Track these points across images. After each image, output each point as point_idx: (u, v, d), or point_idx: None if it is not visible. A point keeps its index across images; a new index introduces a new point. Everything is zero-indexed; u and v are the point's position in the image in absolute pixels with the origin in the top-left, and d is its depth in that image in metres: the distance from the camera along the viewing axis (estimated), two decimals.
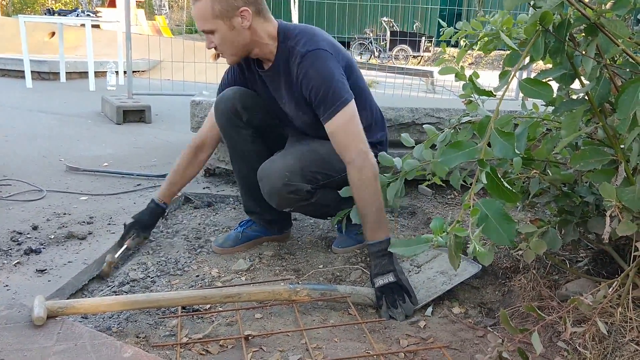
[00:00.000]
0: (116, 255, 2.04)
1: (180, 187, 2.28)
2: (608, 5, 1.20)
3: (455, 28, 1.83)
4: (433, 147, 1.76)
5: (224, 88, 2.17)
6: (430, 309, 1.79)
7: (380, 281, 1.79)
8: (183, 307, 1.73)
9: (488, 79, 2.86)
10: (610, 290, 1.35)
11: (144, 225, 2.19)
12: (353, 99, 1.90)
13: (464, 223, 1.23)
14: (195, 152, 2.21)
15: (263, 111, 2.14)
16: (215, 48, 1.92)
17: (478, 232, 1.17)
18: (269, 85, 2.07)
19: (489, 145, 1.19)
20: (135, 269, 2.03)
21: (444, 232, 1.22)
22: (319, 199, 2.04)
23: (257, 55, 1.98)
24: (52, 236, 2.23)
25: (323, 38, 1.96)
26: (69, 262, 2.00)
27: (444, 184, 1.79)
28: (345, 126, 1.88)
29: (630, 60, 1.21)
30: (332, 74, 1.89)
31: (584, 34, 1.24)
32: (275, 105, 2.12)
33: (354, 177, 1.84)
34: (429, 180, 1.78)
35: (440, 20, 2.02)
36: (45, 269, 1.93)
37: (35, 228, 2.31)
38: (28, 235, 2.23)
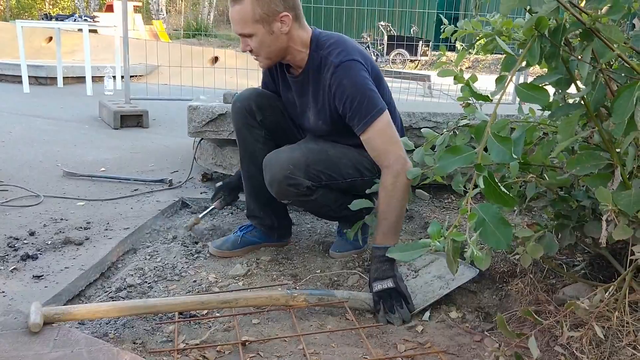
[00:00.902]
0: (200, 216, 2.36)
1: None
2: (603, 10, 1.20)
3: (455, 27, 1.83)
4: (432, 148, 1.77)
5: (264, 77, 2.22)
6: (427, 314, 1.79)
7: (378, 286, 1.79)
8: (180, 313, 1.73)
9: (486, 82, 2.86)
10: (607, 294, 1.36)
11: (232, 186, 2.40)
12: (387, 109, 1.91)
13: (461, 227, 1.23)
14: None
15: (279, 114, 2.16)
16: (250, 51, 1.92)
17: (475, 236, 1.17)
18: (295, 91, 2.08)
19: (485, 149, 1.20)
20: (132, 275, 2.02)
21: (441, 236, 1.23)
22: (319, 198, 2.03)
23: (289, 61, 1.99)
24: (49, 242, 2.23)
25: (355, 48, 1.97)
26: (65, 267, 2.00)
27: (443, 183, 1.80)
28: (382, 132, 1.88)
29: (626, 64, 1.22)
30: (366, 84, 1.90)
31: (579, 39, 1.25)
32: (294, 110, 2.14)
33: (388, 181, 1.85)
34: (429, 179, 1.78)
35: (442, 17, 2.02)
36: (42, 275, 1.93)
37: (32, 234, 2.31)
38: (25, 241, 2.23)
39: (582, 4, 1.21)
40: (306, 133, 2.20)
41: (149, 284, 1.97)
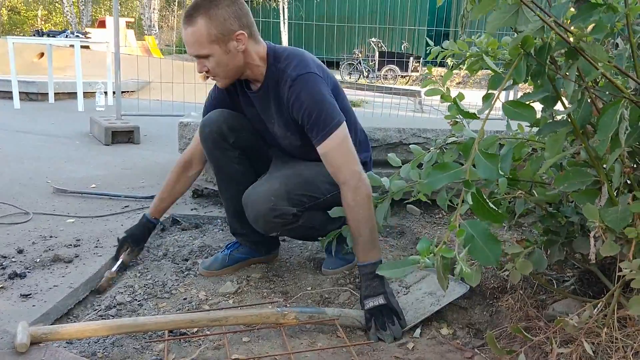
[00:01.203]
0: (113, 269, 2.13)
1: (169, 203, 2.30)
2: (587, 30, 1.22)
3: (442, 47, 1.85)
4: (420, 166, 1.77)
5: (209, 110, 2.17)
6: (418, 330, 1.78)
7: (370, 303, 1.78)
8: (170, 331, 1.72)
9: (475, 98, 2.88)
10: (595, 310, 1.36)
11: (137, 239, 2.25)
12: (345, 121, 1.91)
13: (450, 244, 1.24)
14: (183, 169, 2.24)
15: (249, 132, 2.14)
16: (207, 72, 1.91)
17: (464, 252, 1.18)
18: (257, 106, 2.07)
19: (473, 166, 1.20)
20: (122, 292, 2.01)
21: (431, 253, 1.23)
22: (305, 222, 2.03)
23: (247, 76, 1.99)
24: (38, 260, 2.21)
25: (312, 60, 1.98)
26: (54, 286, 1.98)
27: (430, 202, 1.80)
28: (338, 147, 1.88)
29: (610, 83, 1.23)
30: (323, 96, 1.90)
31: (565, 58, 1.26)
32: (261, 126, 2.13)
33: (348, 197, 1.84)
34: (414, 197, 1.79)
35: (428, 40, 2.05)
36: (30, 294, 1.91)
37: (20, 251, 2.29)
38: (13, 259, 2.21)
39: (567, 23, 1.23)
40: (277, 147, 2.19)
41: (138, 301, 1.96)
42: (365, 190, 1.84)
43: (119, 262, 2.18)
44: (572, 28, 1.20)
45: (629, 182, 1.37)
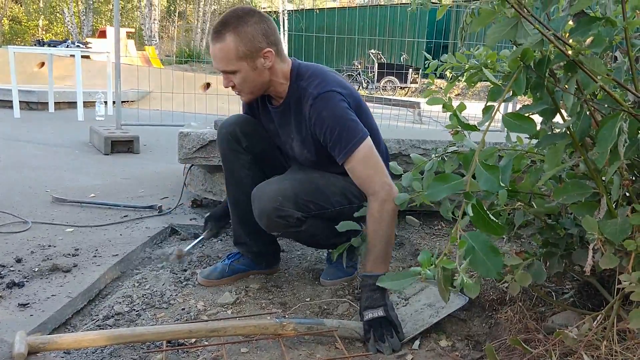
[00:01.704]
0: (186, 249, 2.34)
1: None
2: (586, 43, 1.23)
3: (440, 61, 1.87)
4: (421, 173, 1.78)
5: (244, 109, 2.24)
6: (417, 342, 1.78)
7: (369, 314, 1.78)
8: (168, 341, 1.71)
9: (475, 109, 2.89)
10: (595, 323, 1.36)
11: (217, 216, 2.47)
12: (369, 135, 1.91)
13: (451, 255, 1.24)
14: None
15: (264, 141, 2.16)
16: (232, 87, 1.93)
17: (465, 264, 1.18)
18: (277, 121, 2.09)
19: (474, 177, 1.21)
20: (120, 302, 2.00)
21: (432, 265, 1.23)
22: (309, 228, 2.02)
23: (270, 92, 2.01)
24: (36, 269, 2.20)
25: (333, 79, 1.98)
26: (52, 295, 1.97)
27: (432, 210, 1.81)
28: (366, 160, 1.88)
29: (609, 96, 1.24)
30: (345, 113, 1.90)
31: (564, 71, 1.27)
32: (278, 140, 2.15)
33: (375, 209, 1.84)
34: (416, 205, 1.79)
35: (426, 54, 2.06)
36: (28, 303, 1.90)
37: (18, 261, 2.28)
38: (11, 268, 2.20)
39: (566, 37, 1.24)
40: (294, 161, 2.20)
41: (137, 311, 1.95)
42: (392, 205, 1.84)
43: (197, 240, 2.44)
44: (570, 41, 1.21)
45: (627, 194, 1.37)
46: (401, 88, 16.19)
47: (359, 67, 16.16)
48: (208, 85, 9.74)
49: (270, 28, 1.88)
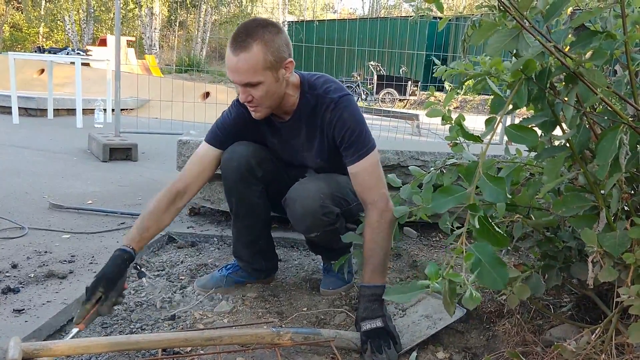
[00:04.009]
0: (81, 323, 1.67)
1: (153, 234, 1.95)
2: (587, 56, 1.24)
3: (447, 67, 1.87)
4: (419, 186, 1.78)
5: (223, 133, 2.05)
6: (414, 354, 1.77)
7: (367, 325, 1.76)
8: (163, 350, 1.69)
9: (473, 122, 2.91)
10: (593, 336, 1.35)
11: (111, 279, 1.75)
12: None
13: (456, 267, 1.23)
14: (175, 198, 1.97)
15: (274, 164, 2.12)
16: (249, 101, 1.84)
17: (473, 277, 1.17)
18: (284, 135, 2.06)
19: (476, 188, 1.21)
20: (116, 309, 1.99)
21: (439, 277, 1.21)
22: (340, 224, 2.06)
23: (281, 106, 1.95)
24: (32, 275, 2.19)
25: (344, 86, 2.02)
26: (47, 301, 1.96)
27: (429, 221, 1.80)
28: (371, 168, 1.91)
29: (609, 108, 1.24)
30: (363, 119, 1.95)
31: (564, 83, 1.28)
32: (284, 152, 2.12)
33: (373, 218, 1.85)
34: (415, 216, 1.79)
35: (435, 59, 2.06)
36: (23, 309, 1.89)
37: (14, 266, 2.27)
38: (7, 274, 2.19)
39: (567, 49, 1.25)
40: (295, 171, 2.17)
41: (132, 319, 1.94)
42: (390, 215, 1.85)
43: (72, 334, 1.64)
44: (571, 54, 1.21)
45: (626, 208, 1.37)
46: (400, 100, 16.25)
47: (359, 78, 16.24)
48: (207, 94, 9.76)
49: (288, 39, 1.86)
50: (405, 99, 16.37)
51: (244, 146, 2.05)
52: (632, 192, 1.40)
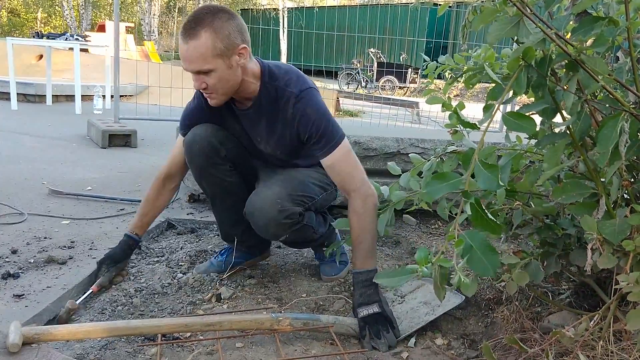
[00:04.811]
0: (77, 302, 1.89)
1: (152, 217, 2.22)
2: (588, 43, 1.23)
3: (437, 62, 1.87)
4: (419, 174, 1.78)
5: (187, 123, 2.09)
6: (413, 340, 1.78)
7: (364, 311, 1.77)
8: (163, 335, 1.70)
9: (473, 111, 2.90)
10: (591, 323, 1.36)
11: (116, 258, 2.11)
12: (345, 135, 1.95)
13: (447, 254, 1.24)
14: (164, 183, 2.19)
15: (236, 144, 2.11)
16: (204, 89, 1.84)
17: (463, 263, 1.17)
18: (244, 123, 2.05)
19: (473, 176, 1.21)
20: (115, 295, 1.99)
21: (428, 262, 1.23)
22: (308, 221, 2.06)
23: (239, 93, 1.94)
24: (32, 260, 2.20)
25: (307, 78, 1.99)
26: (47, 287, 1.97)
27: (427, 211, 1.81)
28: (346, 157, 1.92)
29: (610, 96, 1.24)
30: (327, 111, 1.94)
31: (565, 70, 1.27)
32: (245, 140, 2.11)
33: (357, 205, 1.86)
34: (416, 205, 1.79)
35: (424, 55, 2.06)
36: (23, 294, 1.89)
37: (14, 252, 2.28)
38: (7, 259, 2.19)
39: (568, 36, 1.24)
40: (260, 159, 2.18)
41: (132, 305, 1.94)
42: (373, 200, 1.88)
43: (87, 293, 1.96)
44: (573, 41, 1.21)
45: (626, 195, 1.37)
46: (400, 88, 16.18)
47: (358, 65, 16.14)
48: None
49: (242, 25, 1.83)
50: (405, 87, 16.31)
51: (203, 128, 2.04)
52: (632, 179, 1.40)
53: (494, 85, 1.36)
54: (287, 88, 1.91)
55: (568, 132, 1.33)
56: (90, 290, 1.99)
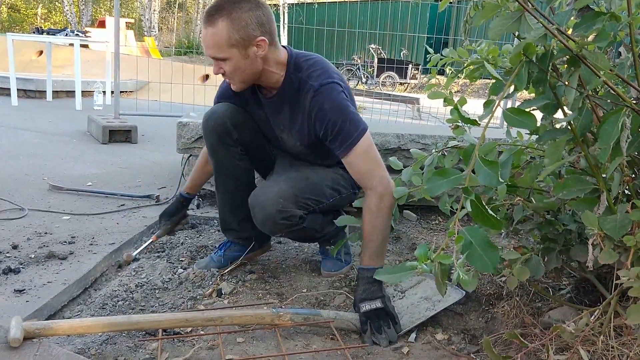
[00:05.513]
0: (134, 253, 2.29)
1: (202, 181, 2.43)
2: (590, 38, 1.22)
3: (442, 55, 1.86)
4: (421, 168, 1.78)
5: (217, 100, 2.15)
6: (413, 335, 1.78)
7: (367, 306, 1.77)
8: (164, 330, 1.71)
9: (474, 106, 2.89)
10: (592, 318, 1.36)
11: (170, 213, 2.42)
12: (368, 129, 1.91)
13: (448, 250, 1.24)
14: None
15: (252, 129, 2.12)
16: (223, 74, 1.88)
17: (462, 259, 1.18)
18: (268, 111, 2.06)
19: (473, 172, 1.21)
20: (116, 290, 2.00)
21: (428, 259, 1.23)
22: (308, 224, 2.04)
23: (262, 82, 1.95)
24: (32, 255, 2.20)
25: (333, 70, 1.97)
26: (48, 282, 1.97)
27: (430, 204, 1.81)
28: (366, 153, 1.88)
29: (612, 91, 1.24)
30: (347, 106, 1.90)
31: (566, 65, 1.27)
32: (267, 129, 2.12)
33: (372, 203, 1.84)
34: (416, 199, 1.79)
35: (428, 47, 2.05)
36: (24, 289, 1.90)
37: (15, 247, 2.28)
38: (7, 255, 2.20)
39: (570, 32, 1.24)
40: (281, 150, 2.18)
41: (133, 300, 1.95)
42: (390, 200, 1.84)
43: (146, 244, 2.38)
44: (574, 36, 1.20)
45: (627, 191, 1.37)
46: (400, 84, 16.16)
47: (359, 61, 16.12)
48: (207, 76, 9.69)
49: (266, 15, 1.82)
50: (405, 83, 16.28)
51: (223, 107, 2.08)
52: (634, 175, 1.40)
53: (494, 81, 1.35)
54: (308, 80, 1.90)
55: (569, 127, 1.33)
56: (151, 240, 2.39)
